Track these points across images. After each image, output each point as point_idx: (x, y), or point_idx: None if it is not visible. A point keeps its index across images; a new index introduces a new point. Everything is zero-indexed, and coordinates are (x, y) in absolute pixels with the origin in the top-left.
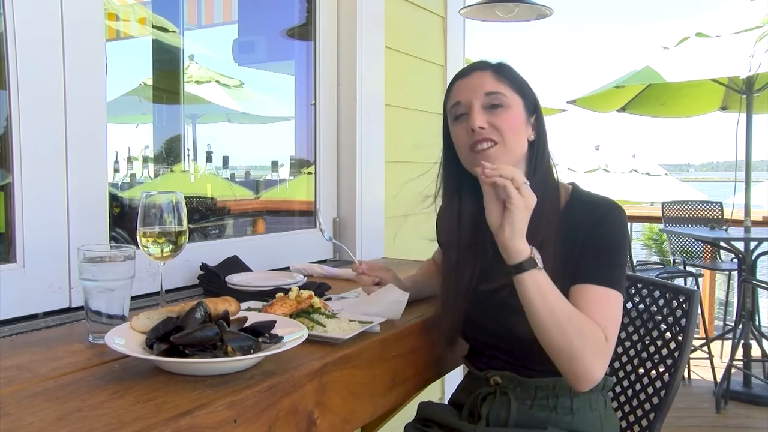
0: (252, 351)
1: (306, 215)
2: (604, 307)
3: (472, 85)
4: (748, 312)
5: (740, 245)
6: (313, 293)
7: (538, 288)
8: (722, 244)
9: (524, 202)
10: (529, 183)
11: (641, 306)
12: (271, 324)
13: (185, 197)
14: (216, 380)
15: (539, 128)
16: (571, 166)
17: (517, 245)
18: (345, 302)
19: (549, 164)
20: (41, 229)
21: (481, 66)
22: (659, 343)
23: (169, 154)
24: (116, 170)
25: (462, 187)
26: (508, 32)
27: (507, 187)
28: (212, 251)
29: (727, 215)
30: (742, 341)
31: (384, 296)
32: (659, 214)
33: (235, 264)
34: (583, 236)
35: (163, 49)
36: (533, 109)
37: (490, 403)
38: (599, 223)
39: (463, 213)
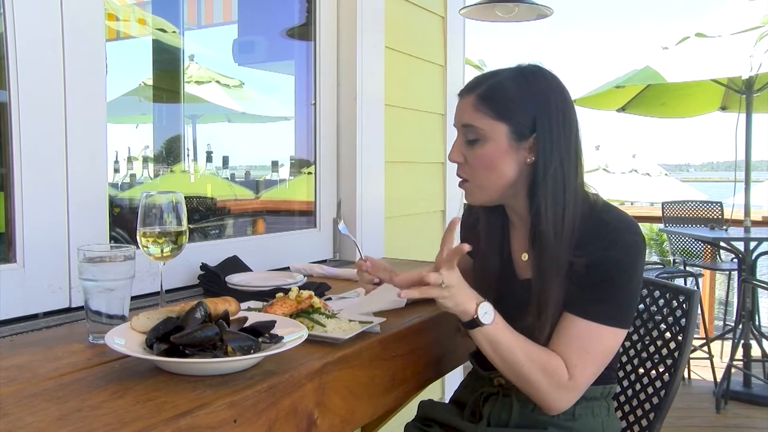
0: (252, 351)
1: (306, 215)
2: (583, 345)
3: (458, 110)
4: (748, 312)
5: (740, 245)
6: (313, 293)
7: (487, 341)
8: (722, 244)
9: (450, 300)
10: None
11: (641, 306)
12: (271, 324)
13: (185, 197)
14: (216, 380)
15: (541, 147)
16: None
17: (460, 311)
18: (345, 302)
19: (560, 184)
20: (41, 229)
21: (471, 88)
22: (659, 343)
23: (169, 154)
24: (116, 170)
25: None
26: (508, 32)
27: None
28: (212, 251)
29: (727, 215)
30: (742, 341)
31: (383, 296)
32: (659, 214)
33: (235, 264)
34: (589, 261)
35: (163, 49)
36: (527, 131)
37: (492, 403)
38: (607, 249)
39: (494, 216)
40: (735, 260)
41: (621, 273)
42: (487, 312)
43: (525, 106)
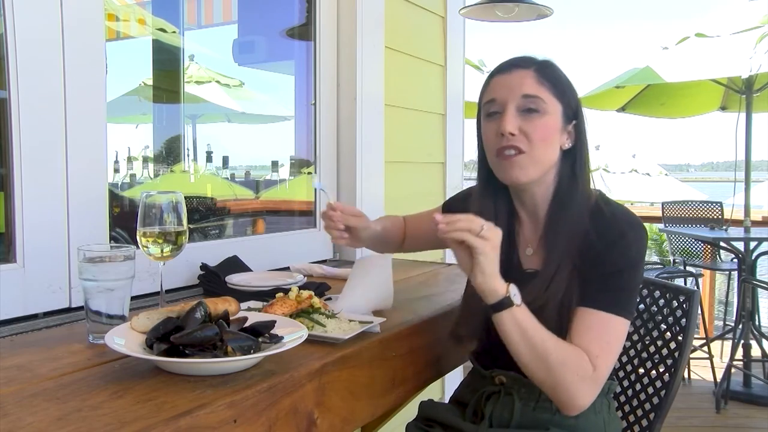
0: (252, 351)
1: (306, 215)
2: (601, 335)
3: (510, 83)
4: (748, 312)
5: (740, 245)
6: (313, 293)
7: (516, 325)
8: (722, 244)
9: (489, 245)
10: (490, 223)
11: (641, 306)
12: (271, 324)
13: (185, 197)
14: (216, 380)
15: (578, 136)
16: None
17: (491, 286)
18: (340, 300)
19: (587, 176)
20: (41, 229)
21: (523, 63)
22: (659, 343)
23: (169, 154)
24: (116, 170)
25: (493, 181)
26: (508, 32)
27: (467, 240)
28: (212, 251)
29: (727, 215)
30: (742, 341)
31: (370, 274)
32: (659, 214)
33: (235, 264)
34: (596, 255)
35: (163, 49)
36: (573, 115)
37: (494, 402)
38: (614, 243)
39: (499, 209)
40: (735, 260)
41: (629, 266)
42: (515, 294)
43: (572, 92)
